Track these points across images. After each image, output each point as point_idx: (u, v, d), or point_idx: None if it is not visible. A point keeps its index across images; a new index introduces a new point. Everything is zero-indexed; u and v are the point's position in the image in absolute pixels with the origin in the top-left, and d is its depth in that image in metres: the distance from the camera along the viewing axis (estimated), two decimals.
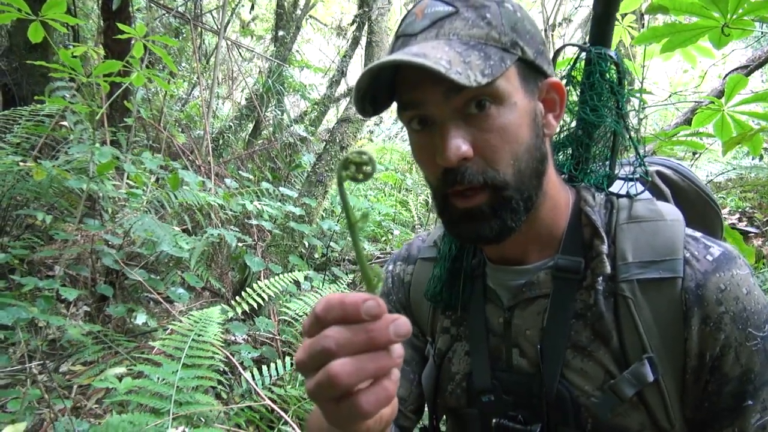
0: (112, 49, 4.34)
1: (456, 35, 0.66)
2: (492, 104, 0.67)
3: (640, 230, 0.74)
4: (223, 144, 5.70)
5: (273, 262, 3.59)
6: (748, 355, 0.68)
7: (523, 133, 0.69)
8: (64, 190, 3.27)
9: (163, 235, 2.84)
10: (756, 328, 0.68)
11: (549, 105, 0.74)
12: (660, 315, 0.70)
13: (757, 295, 0.70)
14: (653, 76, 8.34)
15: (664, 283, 0.70)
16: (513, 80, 0.68)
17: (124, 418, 1.56)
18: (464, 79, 0.61)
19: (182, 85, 6.92)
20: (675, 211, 0.76)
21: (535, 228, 0.77)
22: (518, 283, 0.79)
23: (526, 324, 0.79)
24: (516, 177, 0.69)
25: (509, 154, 0.68)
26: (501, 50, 0.66)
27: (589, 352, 0.73)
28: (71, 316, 3.12)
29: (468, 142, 0.67)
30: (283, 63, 5.79)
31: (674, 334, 0.69)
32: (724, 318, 0.68)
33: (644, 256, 0.71)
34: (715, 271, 0.69)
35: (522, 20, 0.70)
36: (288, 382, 2.56)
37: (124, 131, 4.19)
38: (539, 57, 0.71)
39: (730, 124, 1.78)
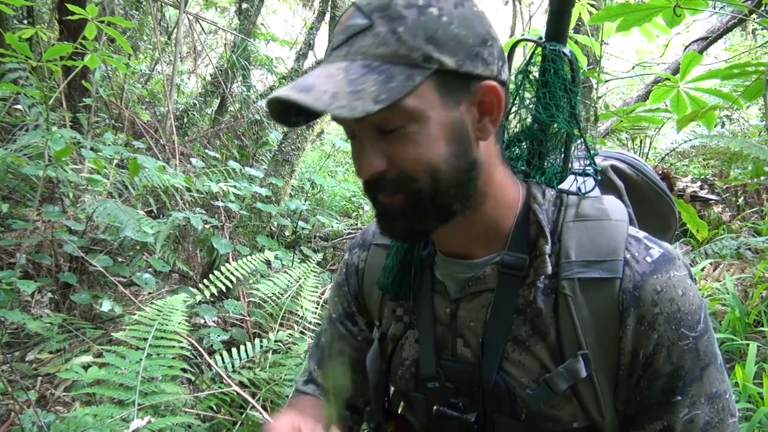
0: (68, 27, 4.19)
1: (362, 54, 0.66)
2: (405, 122, 0.68)
3: (585, 229, 0.75)
4: (188, 122, 5.60)
5: (241, 243, 3.57)
6: (679, 353, 0.71)
7: (438, 146, 0.69)
8: (23, 175, 3.19)
9: (126, 220, 2.79)
10: (688, 328, 0.71)
11: (485, 108, 0.72)
12: (597, 313, 0.72)
13: (692, 296, 0.72)
14: (620, 45, 8.38)
15: (603, 282, 0.72)
16: (427, 95, 0.67)
17: (88, 411, 1.56)
18: (347, 113, 0.61)
19: (144, 61, 6.73)
20: (621, 210, 0.77)
21: (477, 225, 0.79)
22: (465, 276, 0.81)
23: (470, 316, 0.82)
24: (431, 187, 0.70)
25: (424, 167, 0.69)
26: (410, 67, 0.65)
27: (527, 346, 0.76)
28: (36, 304, 3.08)
29: (382, 156, 0.69)
30: (247, 37, 5.66)
31: (610, 332, 0.72)
32: (659, 318, 0.70)
33: (587, 256, 0.73)
34: (653, 272, 0.71)
35: (448, 25, 0.67)
36: (258, 365, 2.57)
37: (84, 111, 4.08)
38: (469, 62, 0.68)
39: (685, 100, 1.81)
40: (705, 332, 0.73)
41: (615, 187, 0.90)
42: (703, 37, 3.04)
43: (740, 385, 2.51)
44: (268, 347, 2.66)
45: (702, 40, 3.01)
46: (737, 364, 2.63)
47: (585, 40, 2.10)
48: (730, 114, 5.86)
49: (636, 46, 8.64)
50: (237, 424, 2.20)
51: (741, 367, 2.56)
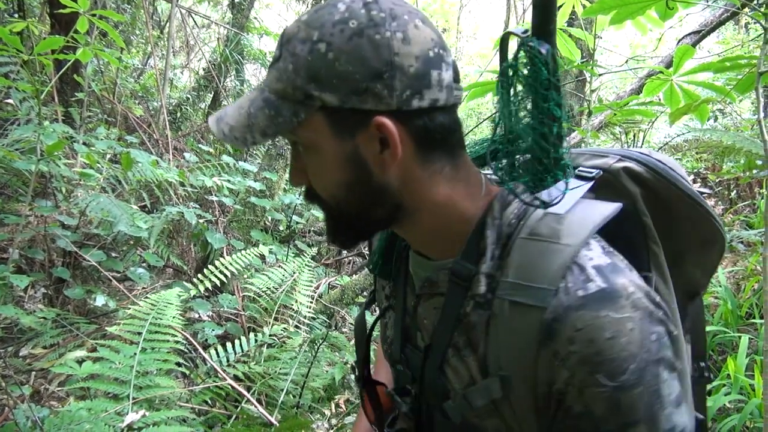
0: (59, 21, 4.16)
1: (268, 87, 0.72)
2: (304, 148, 0.74)
3: (531, 250, 0.71)
4: (182, 116, 5.57)
5: (235, 237, 3.57)
6: (591, 397, 0.65)
7: (333, 174, 0.73)
8: (15, 170, 3.17)
9: (119, 214, 2.79)
10: (607, 376, 0.64)
11: (384, 143, 0.71)
12: (519, 338, 0.69)
13: (623, 343, 0.64)
14: (613, 39, 8.39)
15: (529, 309, 0.68)
16: (319, 127, 0.71)
17: (83, 405, 1.56)
18: (239, 143, 0.72)
19: (137, 56, 6.69)
20: (578, 232, 0.70)
21: (421, 234, 0.81)
22: (425, 275, 0.83)
23: (425, 314, 0.84)
24: (333, 207, 0.77)
25: (324, 189, 0.75)
26: (296, 103, 0.70)
27: (462, 356, 0.77)
28: (29, 299, 3.07)
29: (302, 173, 0.77)
30: (240, 31, 5.64)
31: (528, 359, 0.69)
32: (572, 357, 0.65)
33: (522, 278, 0.70)
34: (579, 308, 0.65)
35: (332, 62, 0.67)
36: (253, 359, 2.57)
37: (76, 106, 4.06)
38: (355, 98, 0.68)
39: (678, 93, 1.81)
40: (635, 386, 0.64)
41: (627, 194, 0.80)
42: (696, 30, 3.05)
43: (732, 377, 2.53)
44: (262, 341, 2.66)
45: (695, 34, 3.01)
46: (729, 357, 2.65)
47: (579, 33, 2.10)
48: (723, 108, 5.89)
49: (629, 40, 8.66)
50: (232, 418, 2.20)
51: (733, 359, 2.58)
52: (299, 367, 2.50)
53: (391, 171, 0.73)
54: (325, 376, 2.60)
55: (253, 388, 2.33)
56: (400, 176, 0.74)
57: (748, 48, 5.41)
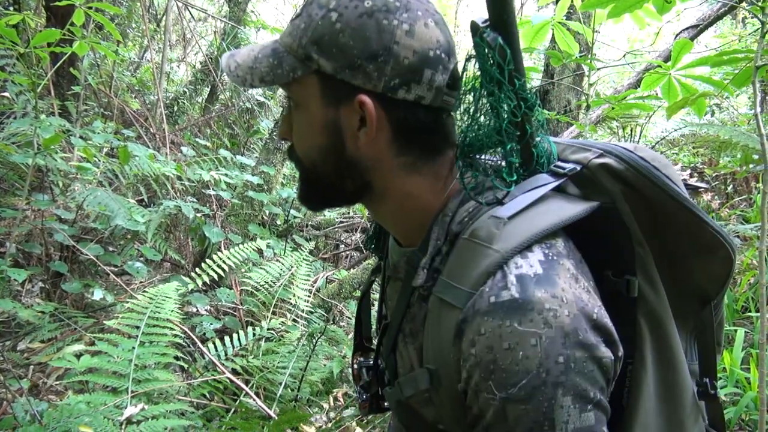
0: (55, 14, 4.13)
1: (280, 39, 0.77)
2: (294, 104, 0.79)
3: (466, 250, 0.71)
4: (178, 110, 5.55)
5: (233, 231, 3.57)
6: (483, 402, 0.65)
7: (312, 135, 0.78)
8: (12, 164, 3.16)
9: (117, 208, 2.78)
10: (498, 386, 0.63)
11: (364, 122, 0.74)
12: (442, 335, 0.71)
13: (520, 356, 0.62)
14: (611, 34, 8.38)
15: (451, 308, 0.69)
16: (311, 88, 0.75)
17: (81, 398, 1.56)
18: (239, 81, 0.76)
19: (133, 49, 6.66)
20: (513, 239, 0.68)
21: (389, 220, 0.84)
22: (394, 259, 0.87)
23: (390, 295, 0.90)
24: (310, 170, 0.80)
25: (302, 147, 0.80)
26: (297, 61, 0.74)
27: (406, 342, 0.81)
28: (26, 293, 3.06)
29: (289, 127, 0.81)
30: (237, 25, 5.61)
31: (447, 356, 0.70)
32: (471, 360, 0.65)
33: (452, 278, 0.71)
34: (486, 314, 0.64)
35: (337, 33, 0.71)
36: (251, 352, 2.58)
37: (73, 99, 4.04)
38: (348, 72, 0.72)
39: (676, 87, 1.81)
40: (523, 401, 0.62)
41: (605, 191, 0.75)
42: (693, 25, 3.05)
43: (728, 371, 2.55)
44: (260, 335, 2.67)
45: (693, 28, 3.02)
46: (725, 350, 2.66)
47: (577, 26, 2.10)
48: (720, 102, 5.89)
49: (627, 35, 8.65)
50: (230, 411, 2.20)
51: (729, 352, 2.60)
52: (297, 361, 2.51)
53: (364, 149, 0.76)
54: (323, 369, 2.60)
55: (252, 381, 2.34)
56: (372, 157, 0.77)
57: (745, 42, 5.42)
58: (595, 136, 5.00)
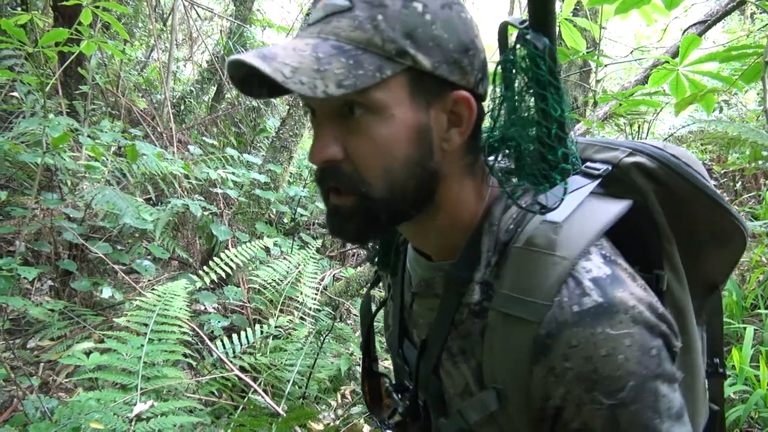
0: (62, 14, 4.15)
1: (335, 35, 0.63)
2: (365, 112, 0.64)
3: (526, 261, 0.68)
4: (185, 109, 5.57)
5: (240, 230, 3.58)
6: (589, 414, 0.63)
7: (399, 148, 0.65)
8: (21, 163, 3.18)
9: (125, 207, 2.80)
10: (605, 394, 0.62)
11: (456, 120, 0.68)
12: (513, 352, 0.67)
13: (620, 360, 0.62)
14: (618, 30, 8.35)
15: (523, 323, 0.66)
16: (396, 90, 0.64)
17: (92, 395, 1.57)
18: (306, 90, 0.58)
19: (140, 48, 6.69)
20: (576, 243, 0.67)
21: (428, 234, 0.76)
22: (422, 274, 0.81)
23: (421, 313, 0.83)
24: (384, 191, 0.66)
25: (379, 167, 0.65)
26: (382, 58, 0.62)
27: (456, 361, 0.75)
28: (36, 292, 3.08)
29: (338, 144, 0.66)
30: (243, 23, 5.62)
31: (521, 373, 0.67)
32: (568, 374, 0.63)
33: (517, 291, 0.67)
34: (574, 324, 0.63)
35: (429, 24, 0.64)
36: (258, 350, 2.59)
37: (80, 99, 4.06)
38: (445, 67, 0.65)
39: (684, 83, 1.81)
40: (632, 403, 0.62)
41: (638, 190, 0.76)
42: (701, 21, 3.03)
43: (737, 368, 2.53)
44: (268, 333, 2.68)
45: (700, 24, 3.00)
46: (734, 348, 2.65)
47: (584, 23, 2.09)
48: (728, 99, 5.86)
49: (634, 31, 8.60)
50: (239, 409, 2.22)
51: (738, 350, 2.58)
52: (305, 359, 2.52)
53: (447, 153, 0.69)
54: (330, 367, 2.61)
55: (260, 379, 2.35)
56: (446, 163, 0.69)
57: (754, 38, 5.38)
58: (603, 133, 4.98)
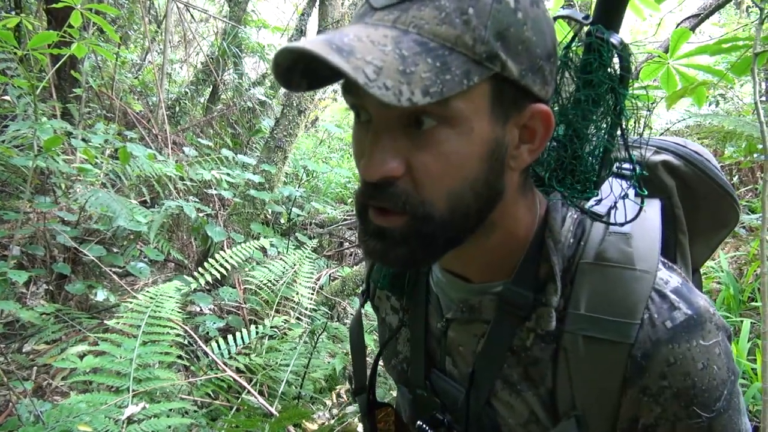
0: (55, 16, 4.15)
1: (417, 28, 0.52)
2: (440, 125, 0.54)
3: (602, 278, 0.63)
4: (180, 111, 5.56)
5: (235, 230, 3.57)
6: (685, 429, 0.62)
7: (471, 166, 0.56)
8: (14, 167, 3.17)
9: (119, 209, 2.79)
10: (702, 407, 0.61)
11: (528, 135, 0.60)
12: (599, 375, 0.63)
13: (715, 371, 0.61)
14: None
15: (611, 344, 0.62)
16: (478, 101, 0.54)
17: (82, 398, 1.56)
18: (391, 97, 0.47)
19: (135, 51, 6.68)
20: (651, 255, 0.64)
21: (479, 255, 0.68)
22: (459, 297, 0.72)
23: (460, 340, 0.75)
24: (445, 214, 0.58)
25: (445, 188, 0.57)
26: (470, 61, 0.52)
27: (518, 390, 0.69)
28: (31, 296, 3.08)
29: (400, 158, 0.56)
30: (238, 24, 5.62)
31: (610, 396, 0.63)
32: (666, 392, 0.61)
33: (598, 311, 0.63)
34: (669, 341, 0.60)
35: (521, 24, 0.54)
36: (254, 351, 2.58)
37: (75, 102, 4.05)
38: (530, 75, 0.56)
39: (675, 77, 1.80)
40: (725, 410, 0.62)
41: (664, 188, 0.77)
42: (694, 14, 3.02)
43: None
44: (263, 333, 2.67)
45: (694, 17, 2.99)
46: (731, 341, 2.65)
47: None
48: (725, 93, 5.85)
49: (630, 26, 8.59)
50: (233, 410, 2.21)
51: (735, 343, 2.58)
52: (299, 358, 2.51)
53: (514, 171, 0.61)
54: (326, 366, 2.61)
55: (254, 379, 2.34)
56: (508, 181, 0.62)
57: (749, 31, 5.37)
58: None
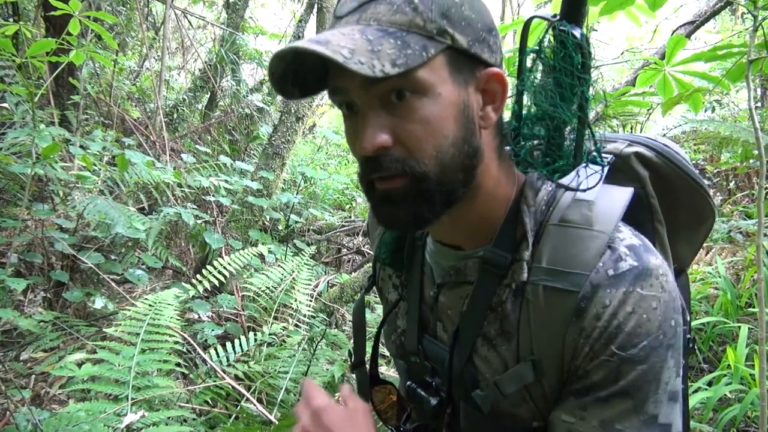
0: (53, 24, 4.16)
1: (377, 20, 0.65)
2: (413, 95, 0.65)
3: (564, 236, 0.70)
4: (178, 118, 5.57)
5: (233, 237, 3.57)
6: (595, 365, 0.67)
7: (447, 126, 0.67)
8: (12, 174, 3.17)
9: (117, 216, 2.79)
10: (619, 347, 0.66)
11: (489, 96, 0.71)
12: (552, 321, 0.69)
13: (642, 319, 0.65)
14: (610, 32, 8.38)
15: (564, 294, 0.68)
16: (439, 70, 0.66)
17: (80, 406, 1.56)
18: (367, 69, 0.59)
19: (133, 58, 6.69)
20: (609, 218, 0.71)
21: (466, 219, 0.76)
22: (449, 264, 0.81)
23: (449, 304, 0.82)
24: (437, 170, 0.68)
25: (431, 147, 0.67)
26: (425, 38, 0.64)
27: (494, 345, 0.76)
28: (29, 303, 3.07)
29: (387, 131, 0.66)
30: (235, 31, 5.63)
31: (557, 340, 0.69)
32: (595, 332, 0.67)
33: (557, 264, 0.70)
34: (608, 286, 0.66)
35: (460, 5, 0.67)
36: (252, 358, 2.57)
37: (73, 109, 4.06)
38: (477, 45, 0.68)
39: (671, 83, 1.81)
40: (640, 362, 0.65)
41: (637, 177, 0.84)
42: (690, 21, 3.05)
43: (732, 367, 2.53)
44: (262, 340, 2.67)
45: (689, 24, 3.01)
46: (729, 347, 2.65)
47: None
48: (720, 99, 5.88)
49: (626, 33, 8.64)
50: (232, 417, 2.20)
51: (733, 349, 2.58)
52: (298, 366, 2.51)
53: (486, 131, 0.71)
54: (324, 373, 2.60)
55: (253, 386, 2.34)
56: (485, 141, 0.72)
57: (744, 37, 5.40)
58: None
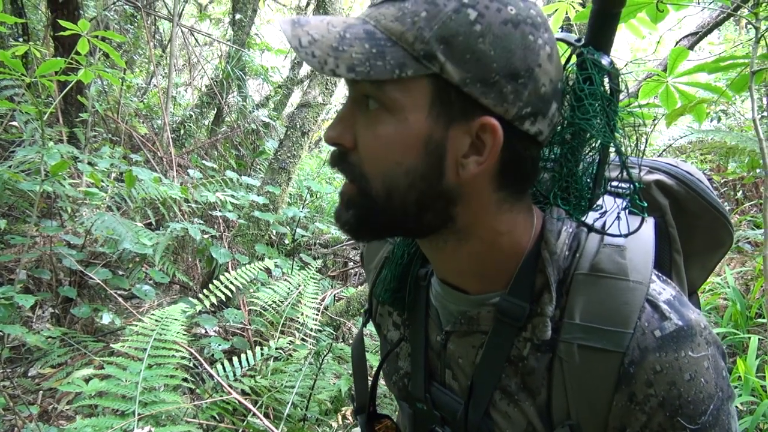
0: (62, 44, 4.22)
1: (376, 21, 0.60)
2: (380, 108, 0.61)
3: (597, 288, 0.65)
4: (185, 133, 5.62)
5: (240, 252, 3.58)
6: None
7: (403, 154, 0.61)
8: (21, 191, 3.21)
9: (124, 232, 2.81)
10: (688, 419, 0.62)
11: (478, 147, 0.62)
12: (592, 383, 0.65)
13: (702, 383, 0.62)
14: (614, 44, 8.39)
15: (605, 353, 0.64)
16: (416, 95, 0.60)
17: (88, 422, 1.56)
18: (315, 63, 0.57)
19: (140, 75, 6.77)
20: (644, 267, 0.66)
21: (458, 259, 0.71)
22: (457, 309, 0.75)
23: (459, 352, 0.77)
24: (383, 194, 0.63)
25: (381, 167, 0.63)
26: (408, 56, 0.58)
27: (515, 400, 0.71)
28: (37, 319, 3.09)
29: (351, 132, 0.64)
30: (241, 48, 5.69)
31: (601, 405, 0.65)
32: (651, 401, 0.62)
33: (592, 321, 0.65)
34: (656, 350, 0.62)
35: (476, 35, 0.58)
36: (259, 372, 2.57)
37: (81, 126, 4.10)
38: (478, 86, 0.59)
39: (674, 94, 1.82)
40: (711, 426, 0.62)
41: (657, 207, 0.79)
42: (693, 32, 3.05)
43: (743, 378, 2.51)
44: (269, 355, 2.67)
45: (692, 35, 3.02)
46: (739, 358, 2.62)
47: (574, 38, 2.10)
48: (726, 108, 5.87)
49: (630, 44, 8.66)
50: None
51: (743, 360, 2.56)
52: (305, 380, 2.50)
53: (464, 180, 0.64)
54: (331, 388, 2.59)
55: (260, 401, 2.33)
56: (468, 190, 0.65)
57: (747, 48, 5.41)
58: None
